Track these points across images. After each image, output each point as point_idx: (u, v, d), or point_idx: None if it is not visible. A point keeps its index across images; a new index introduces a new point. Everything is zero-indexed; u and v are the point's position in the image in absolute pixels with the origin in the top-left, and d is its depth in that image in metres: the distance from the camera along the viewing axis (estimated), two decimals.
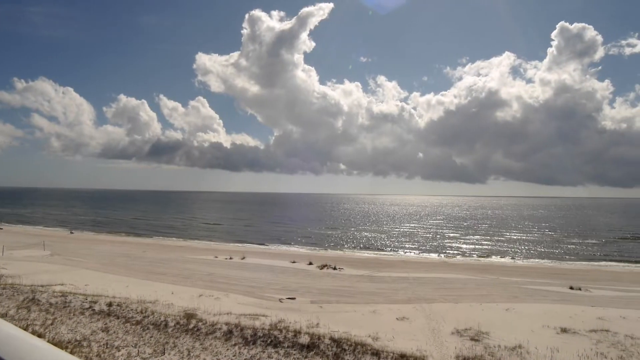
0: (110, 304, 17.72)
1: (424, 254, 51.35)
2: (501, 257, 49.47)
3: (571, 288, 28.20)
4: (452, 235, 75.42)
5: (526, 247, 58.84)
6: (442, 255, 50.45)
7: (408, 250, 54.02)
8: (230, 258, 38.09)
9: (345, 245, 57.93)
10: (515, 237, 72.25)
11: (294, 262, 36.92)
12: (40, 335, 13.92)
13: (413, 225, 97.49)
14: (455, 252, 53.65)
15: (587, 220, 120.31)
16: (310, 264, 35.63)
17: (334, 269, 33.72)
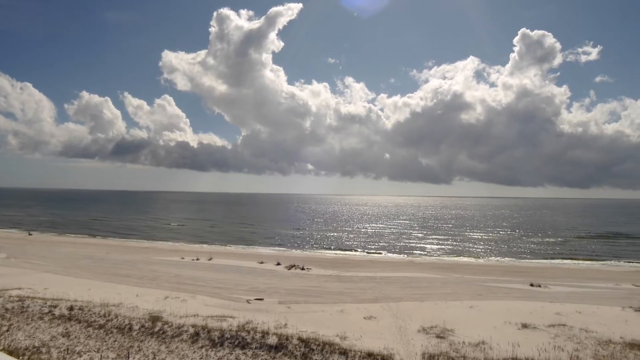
0: (71, 308, 17.21)
1: (391, 253, 52.03)
2: (465, 256, 50.68)
3: (531, 285, 29.22)
4: (418, 235, 76.72)
5: (489, 246, 60.51)
6: (409, 254, 51.25)
7: (375, 250, 54.60)
8: (197, 259, 37.56)
9: (313, 246, 58.05)
10: (478, 237, 74.17)
11: (261, 262, 36.74)
12: None
13: (380, 225, 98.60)
14: (421, 251, 54.62)
15: (546, 220, 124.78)
16: (278, 264, 35.54)
17: (302, 269, 33.76)
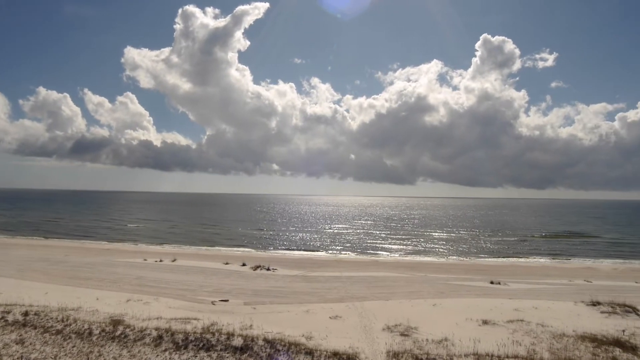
0: (26, 314, 16.54)
1: (356, 253, 52.53)
2: (429, 256, 51.76)
3: (491, 282, 30.18)
4: (382, 235, 77.76)
5: (451, 246, 62.02)
6: (374, 254, 51.88)
7: (341, 250, 54.98)
8: (161, 260, 36.78)
9: (279, 246, 57.92)
10: (441, 236, 75.89)
11: (226, 263, 36.37)
12: None
13: (345, 225, 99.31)
14: (386, 251, 55.41)
15: (505, 220, 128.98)
16: (244, 265, 35.27)
17: (268, 269, 33.63)
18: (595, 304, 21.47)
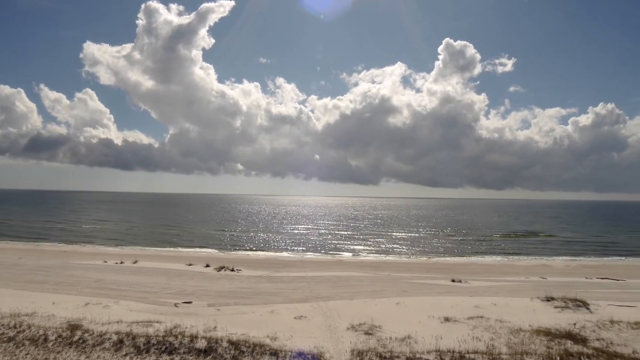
0: None
1: (321, 253, 52.72)
2: (392, 255, 52.57)
3: (453, 281, 30.97)
4: (347, 234, 78.36)
5: (414, 245, 63.22)
6: (338, 254, 52.22)
7: (306, 250, 55.05)
8: (122, 262, 35.74)
9: (244, 247, 57.40)
10: (404, 236, 77.21)
11: (190, 264, 35.76)
12: None
13: (310, 225, 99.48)
14: (350, 251, 55.88)
15: (465, 220, 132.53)
16: (207, 266, 34.79)
17: (232, 270, 33.30)
18: (549, 299, 22.41)
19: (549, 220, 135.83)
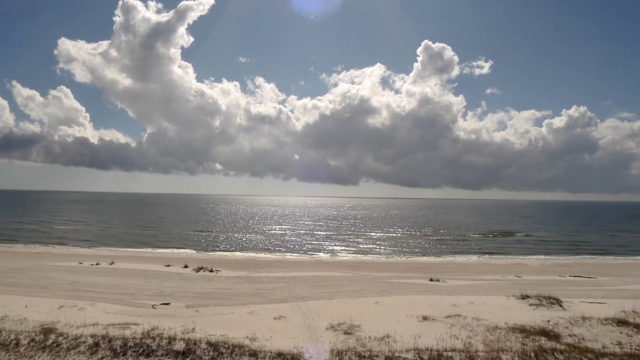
0: None
1: (301, 253, 52.71)
2: (371, 255, 52.90)
3: (431, 280, 31.34)
4: (326, 234, 78.52)
5: (393, 245, 63.75)
6: (318, 254, 52.29)
7: (285, 251, 54.95)
8: (97, 264, 35.06)
9: (223, 247, 56.97)
10: (383, 236, 77.79)
11: (168, 265, 35.31)
12: None
13: (290, 225, 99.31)
14: (330, 251, 56.02)
15: (443, 220, 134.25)
16: (186, 266, 34.42)
17: (211, 271, 33.02)
18: (524, 297, 22.90)
19: (524, 220, 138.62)
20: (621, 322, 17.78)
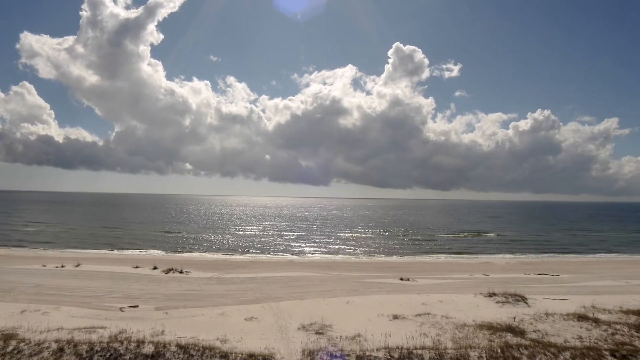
0: None
1: (272, 254, 52.52)
2: (343, 255, 53.18)
3: (401, 279, 31.75)
4: (298, 235, 78.51)
5: (363, 244, 64.27)
6: (289, 254, 52.22)
7: (256, 251, 54.64)
8: (62, 266, 33.99)
9: (193, 248, 56.17)
10: (354, 236, 78.31)
11: (136, 267, 34.57)
12: None
13: (261, 226, 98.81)
14: (301, 251, 56.04)
15: (413, 220, 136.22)
16: (155, 268, 33.79)
17: (181, 272, 32.54)
18: (491, 295, 23.53)
19: (491, 219, 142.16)
20: (581, 317, 18.54)
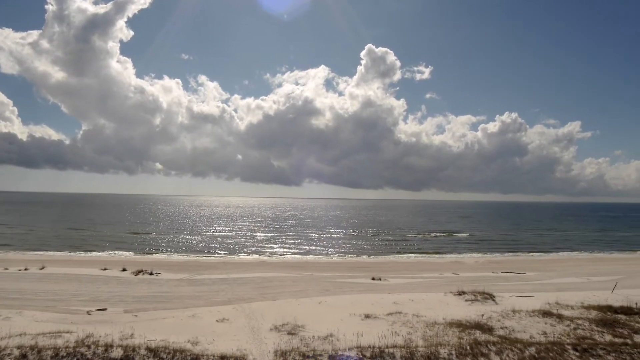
0: None
1: (244, 254, 52.14)
2: (314, 255, 53.27)
3: (373, 279, 32.07)
4: (270, 235, 78.18)
5: (335, 245, 64.55)
6: (261, 255, 51.95)
7: (228, 252, 54.12)
8: (26, 269, 32.81)
9: (163, 249, 55.19)
10: (326, 236, 78.58)
11: (104, 269, 33.74)
12: None
13: (232, 226, 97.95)
14: (273, 251, 55.82)
15: (384, 220, 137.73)
16: (124, 270, 33.07)
17: (151, 274, 31.97)
18: (461, 293, 24.04)
19: (461, 219, 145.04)
20: (546, 314, 19.19)
